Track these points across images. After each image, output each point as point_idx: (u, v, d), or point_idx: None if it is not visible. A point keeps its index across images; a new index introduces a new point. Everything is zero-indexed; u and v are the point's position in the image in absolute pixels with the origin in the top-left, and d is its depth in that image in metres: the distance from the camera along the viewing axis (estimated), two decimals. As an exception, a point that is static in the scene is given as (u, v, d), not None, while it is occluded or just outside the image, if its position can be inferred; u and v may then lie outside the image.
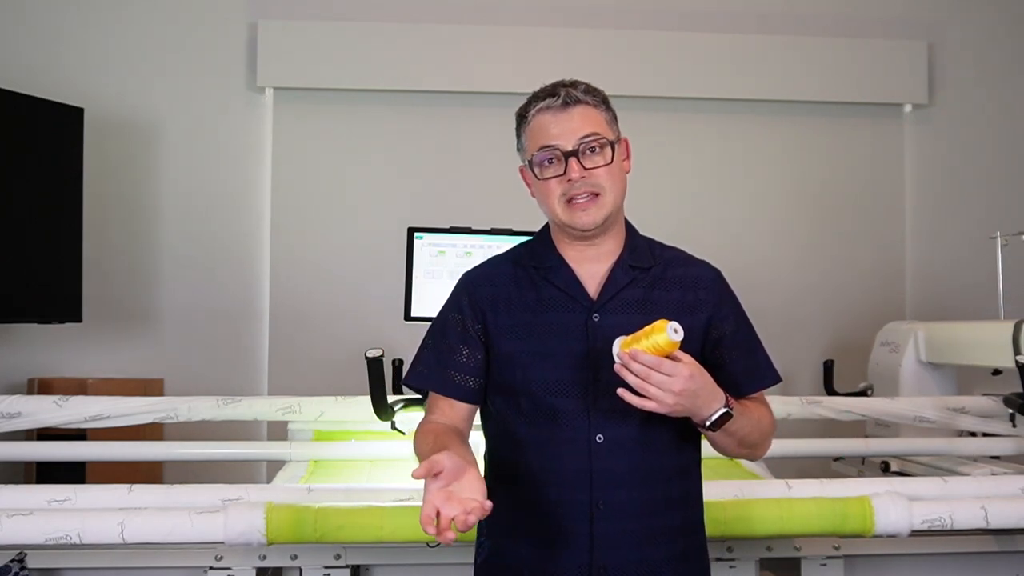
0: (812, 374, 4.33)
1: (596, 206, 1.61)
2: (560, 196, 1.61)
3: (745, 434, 1.61)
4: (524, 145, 1.67)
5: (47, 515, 2.04)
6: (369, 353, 2.41)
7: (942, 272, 4.72)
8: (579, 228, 1.62)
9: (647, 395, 1.46)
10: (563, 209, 1.62)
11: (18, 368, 4.14)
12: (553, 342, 1.61)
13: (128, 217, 4.46)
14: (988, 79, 4.86)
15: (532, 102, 1.65)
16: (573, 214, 1.61)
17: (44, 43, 4.38)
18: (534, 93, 1.66)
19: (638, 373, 1.45)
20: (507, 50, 4.53)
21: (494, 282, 1.69)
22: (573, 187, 1.60)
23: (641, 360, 1.45)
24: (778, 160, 4.76)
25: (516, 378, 1.62)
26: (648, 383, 1.46)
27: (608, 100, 1.68)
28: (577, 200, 1.61)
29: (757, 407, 1.67)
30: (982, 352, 3.15)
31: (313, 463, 2.80)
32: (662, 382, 1.45)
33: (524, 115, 1.66)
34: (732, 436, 1.59)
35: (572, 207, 1.61)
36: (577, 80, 1.66)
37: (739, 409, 1.58)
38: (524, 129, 1.66)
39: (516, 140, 1.70)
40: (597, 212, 1.61)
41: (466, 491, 1.39)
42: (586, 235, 1.64)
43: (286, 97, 4.53)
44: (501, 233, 2.87)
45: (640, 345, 1.47)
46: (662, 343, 1.46)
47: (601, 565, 1.56)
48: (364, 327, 4.21)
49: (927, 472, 2.97)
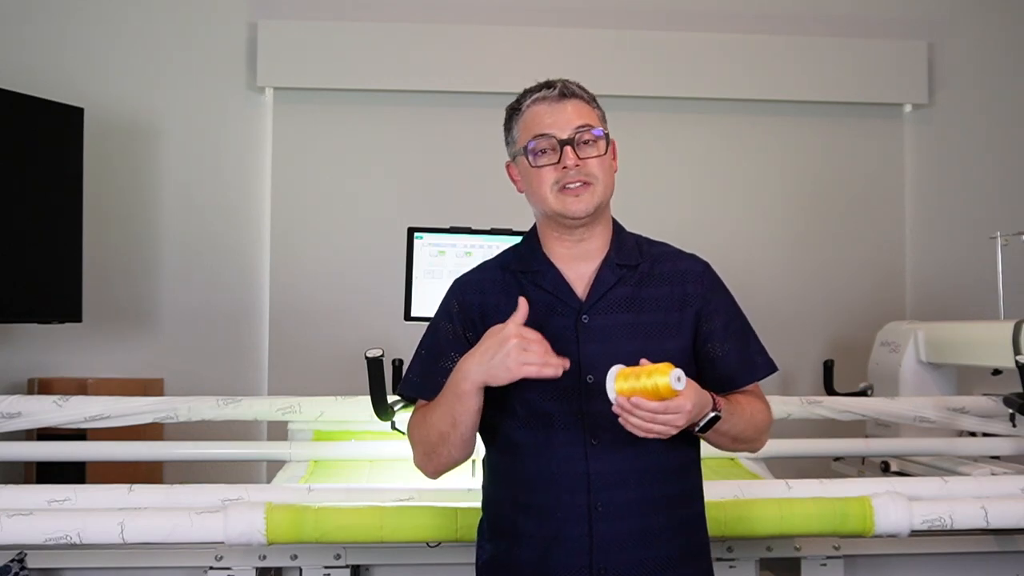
0: (812, 374, 4.34)
1: (588, 193, 1.61)
2: (553, 184, 1.62)
3: (738, 432, 1.61)
4: (515, 136, 1.67)
5: (47, 515, 2.04)
6: (369, 353, 2.40)
7: (942, 272, 4.72)
8: (571, 216, 1.62)
9: (647, 433, 1.46)
10: (555, 197, 1.62)
11: (18, 368, 4.15)
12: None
13: (128, 217, 4.46)
14: (988, 79, 4.86)
15: (526, 94, 1.66)
16: (565, 201, 1.61)
17: (44, 43, 4.38)
18: (527, 89, 1.68)
19: (642, 418, 1.45)
20: (507, 50, 4.53)
21: (483, 289, 1.69)
22: (567, 175, 1.61)
23: (645, 408, 1.44)
24: (778, 160, 4.76)
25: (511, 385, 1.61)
26: (652, 424, 1.45)
27: (596, 100, 1.69)
28: (569, 187, 1.61)
29: (749, 402, 1.66)
30: (982, 352, 3.15)
31: (313, 463, 2.80)
32: (667, 421, 1.45)
33: (517, 107, 1.67)
34: (725, 435, 1.60)
35: (564, 194, 1.61)
36: (569, 80, 1.68)
37: (729, 408, 1.58)
38: (517, 120, 1.67)
39: (505, 134, 1.70)
40: (590, 199, 1.61)
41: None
42: (576, 224, 1.64)
43: (286, 97, 4.53)
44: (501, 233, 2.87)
45: (640, 384, 1.44)
46: (663, 389, 1.43)
47: (601, 566, 1.56)
48: (364, 327, 4.21)
49: (927, 472, 2.97)
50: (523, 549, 1.61)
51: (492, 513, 1.70)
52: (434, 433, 1.61)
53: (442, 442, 1.60)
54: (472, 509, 1.94)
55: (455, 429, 1.58)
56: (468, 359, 1.55)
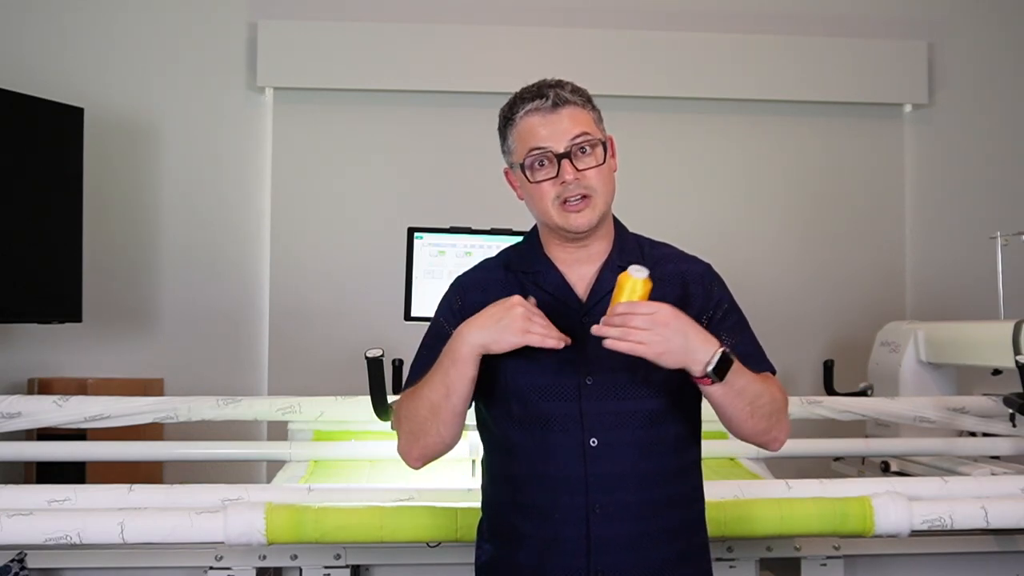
0: (812, 374, 4.33)
1: (589, 208, 1.60)
2: (554, 199, 1.60)
3: (755, 395, 1.54)
4: (511, 147, 1.65)
5: (47, 515, 2.04)
6: (369, 353, 2.40)
7: (942, 272, 4.72)
8: (573, 231, 1.61)
9: (633, 340, 1.44)
10: (557, 212, 1.60)
11: (18, 368, 4.14)
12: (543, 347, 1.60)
13: (128, 217, 4.46)
14: (988, 79, 4.86)
15: (518, 103, 1.63)
16: (567, 217, 1.60)
17: (44, 43, 4.38)
18: (518, 93, 1.64)
19: (617, 323, 1.44)
20: (507, 50, 4.53)
21: (485, 288, 1.67)
22: (567, 189, 1.59)
23: (617, 311, 1.44)
24: (778, 160, 4.76)
25: (508, 384, 1.61)
26: (630, 327, 1.44)
27: (592, 99, 1.66)
28: (571, 204, 1.60)
29: (761, 376, 1.61)
30: (982, 352, 3.15)
31: (313, 463, 2.80)
32: (645, 320, 1.44)
33: (510, 117, 1.64)
34: (742, 396, 1.53)
35: (566, 209, 1.60)
36: (562, 80, 1.65)
37: (740, 366, 1.53)
38: (511, 131, 1.64)
39: (500, 141, 1.67)
40: (591, 214, 1.60)
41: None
42: (579, 237, 1.63)
43: (286, 97, 4.53)
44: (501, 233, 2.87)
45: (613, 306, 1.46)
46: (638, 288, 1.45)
47: (599, 568, 1.56)
48: (364, 327, 4.21)
49: (927, 472, 2.97)
50: (521, 550, 1.61)
51: (491, 514, 1.70)
52: (424, 406, 1.57)
53: (432, 416, 1.57)
54: (472, 509, 1.94)
55: (447, 400, 1.55)
56: (469, 324, 1.54)
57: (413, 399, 1.61)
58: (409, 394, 1.64)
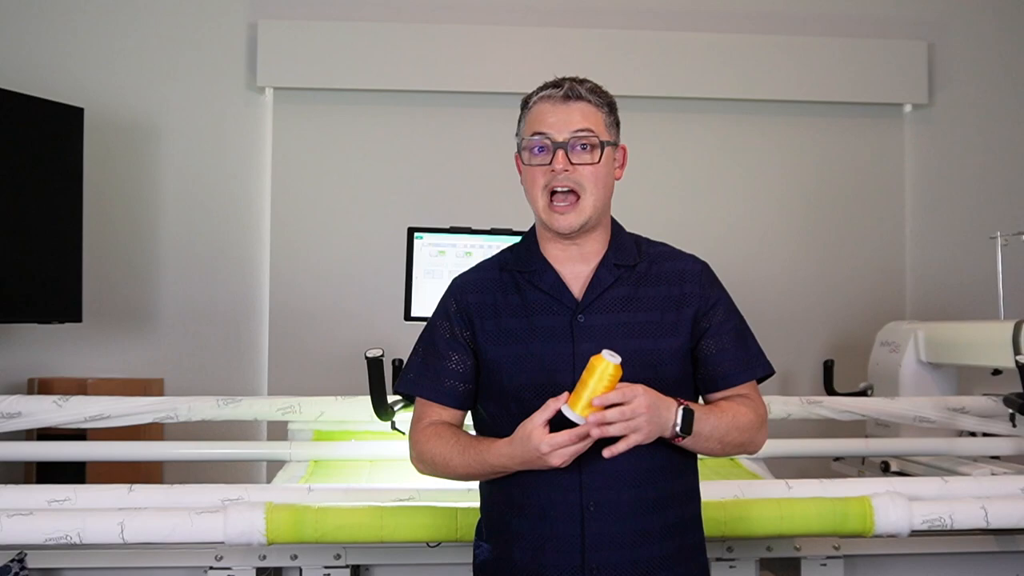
0: (812, 374, 4.34)
1: (575, 211, 1.61)
2: (543, 187, 1.62)
3: (722, 433, 1.60)
4: (521, 130, 1.68)
5: (47, 515, 2.04)
6: (369, 353, 2.40)
7: (942, 272, 4.73)
8: (555, 230, 1.63)
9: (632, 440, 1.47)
10: (544, 204, 1.62)
11: (18, 368, 4.15)
12: (539, 345, 1.61)
13: (128, 217, 4.46)
14: (988, 79, 4.86)
15: (538, 91, 1.66)
16: (552, 215, 1.62)
17: (44, 43, 4.38)
18: (543, 83, 1.68)
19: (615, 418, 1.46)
20: (507, 50, 4.53)
21: (481, 288, 1.69)
22: (555, 178, 1.60)
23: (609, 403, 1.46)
24: (778, 160, 4.76)
25: (504, 383, 1.62)
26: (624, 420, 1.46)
27: (614, 106, 1.68)
28: (557, 204, 1.61)
29: (730, 404, 1.65)
30: (982, 352, 3.15)
31: (313, 463, 2.80)
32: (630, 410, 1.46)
33: (527, 102, 1.67)
34: (709, 439, 1.58)
35: (552, 208, 1.62)
36: (587, 79, 1.67)
37: (703, 408, 1.58)
38: (524, 115, 1.68)
39: (517, 126, 1.71)
40: (575, 217, 1.61)
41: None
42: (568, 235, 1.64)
43: (286, 97, 4.53)
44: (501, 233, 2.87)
45: (587, 390, 1.46)
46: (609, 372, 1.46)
47: (593, 566, 1.56)
48: (364, 327, 4.22)
49: (927, 472, 2.98)
50: (517, 549, 1.62)
51: (488, 513, 1.71)
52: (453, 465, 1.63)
53: (450, 473, 1.65)
54: (472, 509, 1.94)
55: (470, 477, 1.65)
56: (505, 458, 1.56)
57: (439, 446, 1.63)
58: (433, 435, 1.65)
